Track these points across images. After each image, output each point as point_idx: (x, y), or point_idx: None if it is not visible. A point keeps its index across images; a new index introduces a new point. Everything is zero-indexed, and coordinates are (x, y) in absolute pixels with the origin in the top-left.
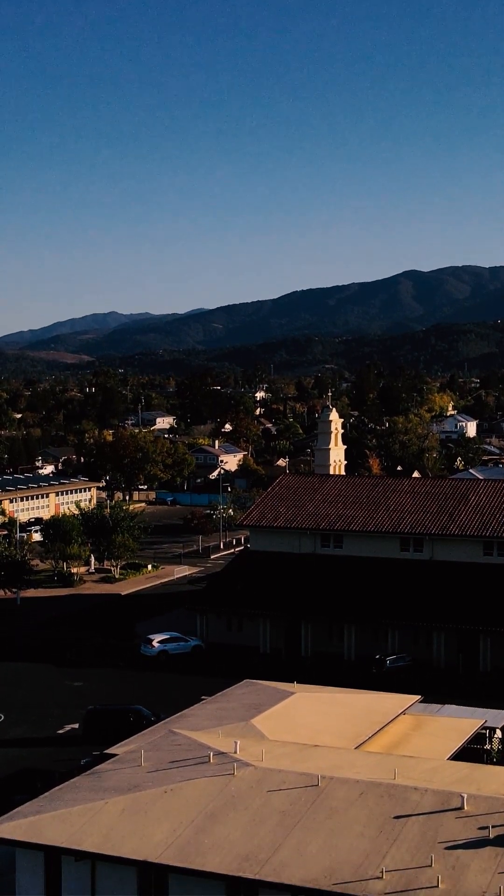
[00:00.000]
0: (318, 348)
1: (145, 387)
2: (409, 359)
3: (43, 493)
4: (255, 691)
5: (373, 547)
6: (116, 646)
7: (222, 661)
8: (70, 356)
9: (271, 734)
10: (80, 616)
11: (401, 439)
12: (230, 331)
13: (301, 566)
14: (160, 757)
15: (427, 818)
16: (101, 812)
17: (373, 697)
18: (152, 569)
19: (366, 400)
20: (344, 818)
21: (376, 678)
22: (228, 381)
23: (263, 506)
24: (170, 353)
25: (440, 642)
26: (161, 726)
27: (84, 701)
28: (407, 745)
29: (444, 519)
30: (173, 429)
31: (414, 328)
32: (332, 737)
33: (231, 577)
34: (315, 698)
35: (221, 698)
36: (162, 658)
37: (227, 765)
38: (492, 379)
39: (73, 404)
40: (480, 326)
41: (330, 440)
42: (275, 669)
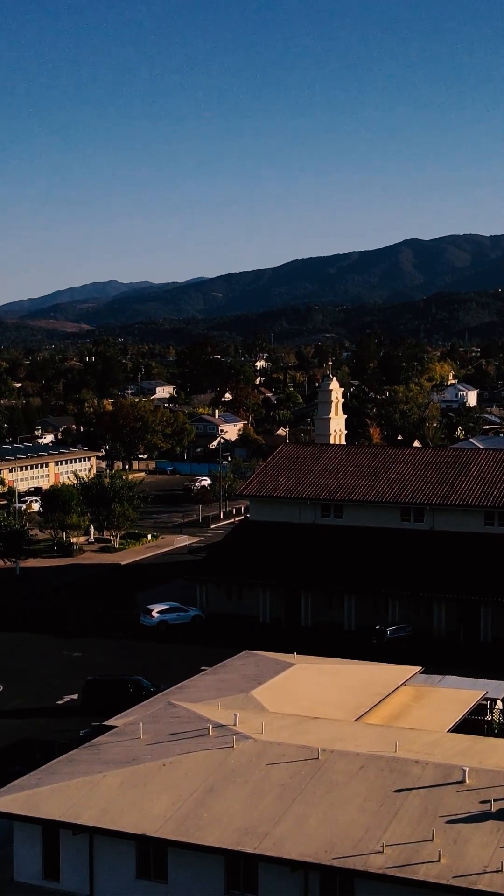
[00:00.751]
0: (319, 317)
1: (145, 356)
2: (409, 328)
3: (42, 463)
4: (254, 662)
5: (373, 517)
6: (116, 616)
7: (222, 632)
8: (70, 325)
9: (271, 706)
10: (79, 586)
11: (401, 409)
12: (230, 299)
13: (301, 536)
14: (159, 729)
15: (428, 792)
16: (100, 785)
17: (373, 669)
18: (152, 539)
19: (366, 369)
20: (344, 792)
21: (376, 648)
22: (228, 350)
23: (263, 476)
24: (170, 322)
25: (440, 612)
26: (160, 698)
27: (83, 671)
28: (407, 717)
29: (445, 489)
30: (173, 398)
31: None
32: (332, 708)
33: (231, 547)
34: (315, 669)
35: (221, 669)
36: (162, 628)
37: (226, 737)
38: (492, 348)
39: (72, 373)
40: (481, 295)
41: (330, 410)
42: (275, 639)
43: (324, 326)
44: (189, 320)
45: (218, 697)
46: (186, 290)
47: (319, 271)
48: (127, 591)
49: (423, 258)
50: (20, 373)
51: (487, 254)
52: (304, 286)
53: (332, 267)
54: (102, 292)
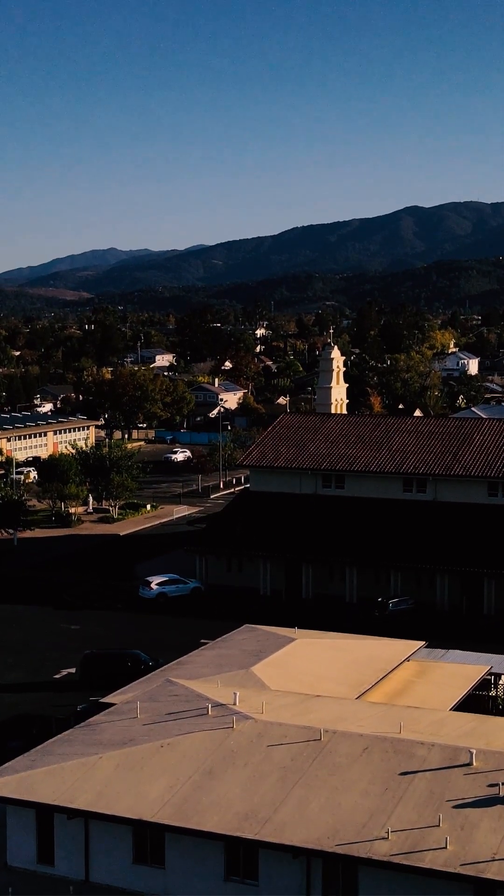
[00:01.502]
0: (319, 285)
1: (145, 324)
2: (409, 296)
3: (41, 432)
4: (255, 637)
5: (375, 488)
6: (115, 587)
7: (222, 604)
8: (69, 293)
9: (272, 683)
10: (77, 557)
11: (402, 377)
12: (230, 267)
13: (302, 507)
14: (157, 708)
15: (434, 775)
16: (95, 768)
17: (376, 643)
18: (151, 509)
19: (367, 337)
20: (347, 775)
21: (378, 621)
22: (228, 318)
23: (264, 446)
24: (169, 290)
25: (443, 585)
26: (158, 674)
27: (81, 644)
28: (411, 693)
29: (448, 459)
30: (172, 366)
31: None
32: (334, 685)
33: (231, 518)
34: (316, 644)
35: (221, 644)
36: (161, 600)
37: (226, 717)
38: (493, 316)
39: (71, 342)
40: (482, 263)
41: (331, 379)
42: (275, 612)
43: (324, 294)
44: (189, 288)
45: (218, 674)
46: (186, 258)
47: (319, 239)
48: (126, 563)
49: (424, 225)
50: (19, 341)
51: (488, 221)
52: (304, 254)
53: (332, 234)
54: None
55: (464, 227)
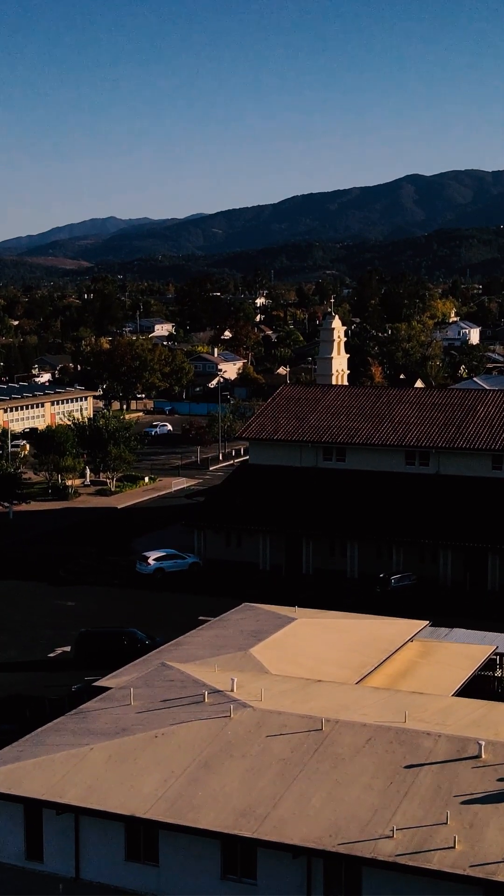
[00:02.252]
0: (319, 254)
1: (144, 293)
2: (410, 264)
3: (38, 403)
4: (254, 616)
5: (377, 460)
6: (111, 563)
7: (220, 580)
8: (69, 262)
9: (271, 665)
10: (74, 531)
11: (403, 347)
12: (230, 236)
13: (302, 480)
14: (151, 694)
15: (441, 768)
16: (86, 759)
17: (378, 623)
18: (149, 481)
19: (367, 306)
20: (350, 767)
21: (380, 598)
22: (228, 287)
23: (263, 417)
24: (169, 259)
25: (446, 560)
26: (154, 656)
27: (77, 621)
28: (415, 675)
29: (452, 431)
30: (172, 336)
31: (415, 233)
32: (335, 667)
33: (230, 492)
34: (317, 624)
35: (219, 624)
36: (158, 576)
37: (223, 705)
38: (494, 285)
39: (70, 311)
40: (483, 232)
41: (332, 349)
42: (275, 588)
43: (324, 263)
44: (188, 257)
45: (215, 656)
46: (186, 227)
47: (320, 207)
48: (123, 537)
49: (425, 194)
50: (17, 310)
51: (489, 189)
52: (305, 222)
53: (332, 203)
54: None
55: (464, 195)
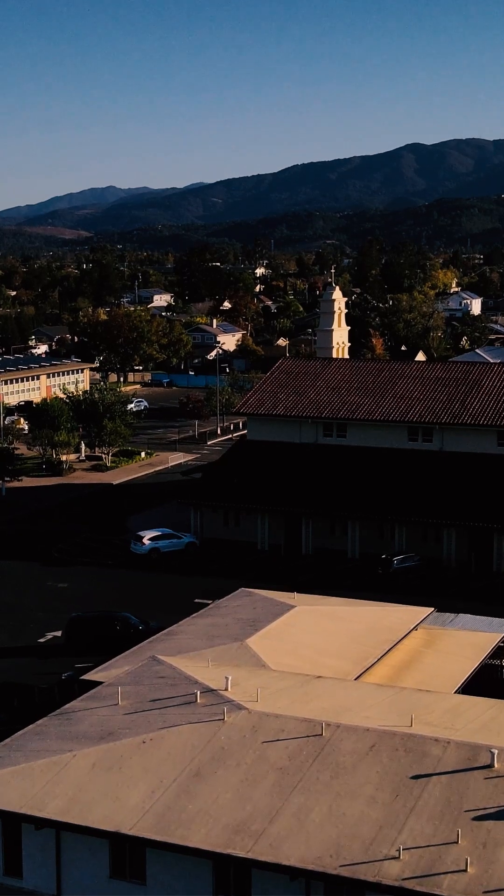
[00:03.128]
0: (319, 223)
1: (143, 263)
2: (411, 234)
3: (33, 376)
4: (251, 603)
5: (378, 436)
6: (106, 542)
7: (217, 560)
8: (68, 232)
9: (268, 657)
10: (68, 508)
11: (405, 318)
12: (230, 205)
13: (302, 457)
14: (140, 693)
15: (451, 779)
16: (69, 767)
17: (380, 611)
18: (146, 456)
19: (368, 276)
20: (352, 778)
21: (382, 579)
22: (228, 257)
23: (262, 392)
24: (169, 229)
25: (451, 540)
26: (146, 646)
27: (69, 604)
28: (419, 666)
29: (456, 406)
30: (171, 307)
31: (416, 203)
32: (336, 659)
33: (227, 469)
34: (316, 612)
35: (214, 611)
36: (153, 556)
37: (216, 706)
38: (495, 255)
39: (68, 281)
40: (484, 201)
41: (333, 321)
42: (273, 569)
43: (324, 233)
44: (188, 227)
45: (210, 647)
46: (185, 196)
47: (320, 176)
48: (118, 515)
49: (425, 163)
50: (15, 281)
51: (490, 159)
52: (305, 192)
53: (332, 172)
54: (101, 198)
55: (465, 164)
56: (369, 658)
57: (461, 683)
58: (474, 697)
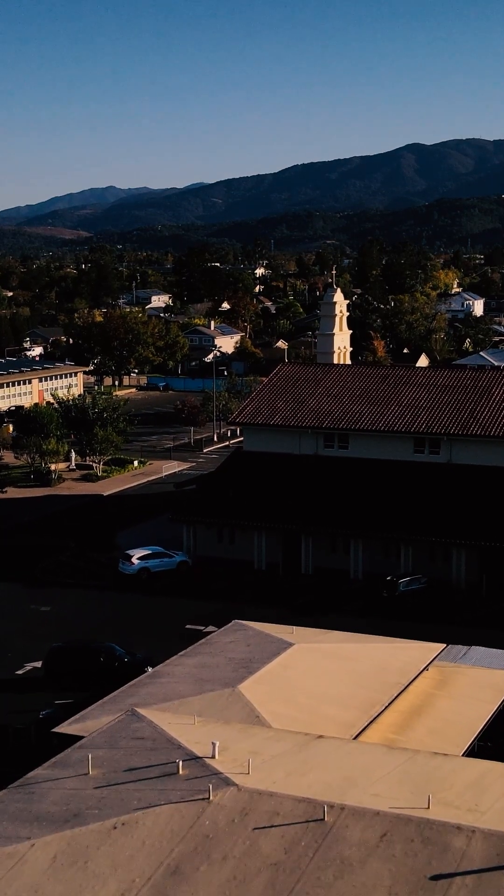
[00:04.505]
0: (319, 223)
1: (143, 263)
2: (411, 234)
3: (25, 379)
4: (245, 639)
5: (382, 448)
6: (93, 560)
7: (211, 581)
8: (68, 232)
9: (262, 706)
10: (54, 522)
11: (407, 319)
12: (230, 205)
13: (301, 470)
14: (115, 759)
15: (478, 881)
16: (25, 862)
17: (387, 648)
18: (139, 465)
19: (369, 277)
20: (361, 877)
21: (387, 603)
22: (227, 257)
23: (259, 400)
24: (169, 229)
25: (460, 560)
26: (128, 691)
27: (51, 629)
28: (432, 713)
29: (465, 416)
30: (169, 307)
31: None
32: (339, 708)
33: (222, 482)
34: (318, 651)
35: (205, 648)
36: (143, 576)
37: (200, 780)
38: (496, 255)
39: (66, 282)
40: (484, 201)
41: (334, 324)
42: (270, 590)
43: (324, 233)
44: (188, 227)
45: (198, 693)
46: (185, 196)
47: (320, 177)
48: (107, 529)
49: (425, 163)
50: (12, 281)
51: (490, 159)
52: (305, 192)
53: (332, 172)
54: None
55: (466, 164)
56: (376, 705)
57: (478, 733)
58: (499, 765)
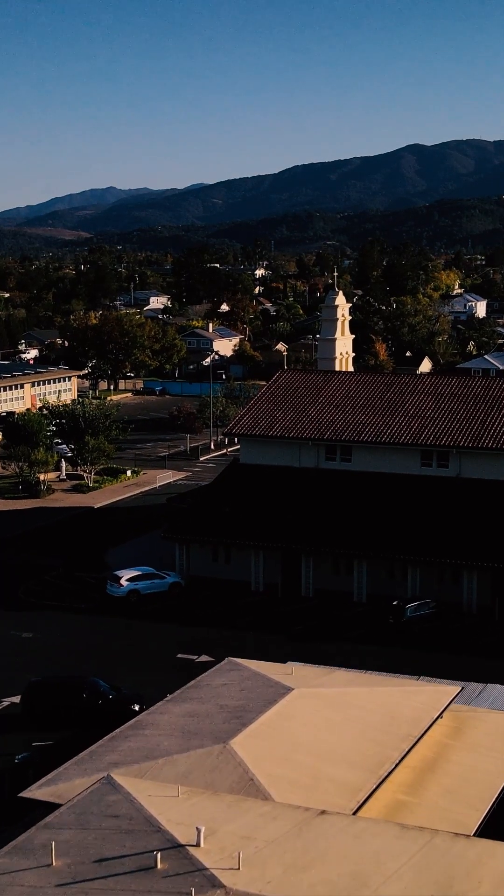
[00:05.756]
0: (320, 224)
1: (142, 264)
2: (411, 235)
3: (17, 384)
4: (238, 681)
5: (388, 461)
6: (80, 581)
7: (205, 604)
8: (68, 233)
9: (257, 767)
10: (41, 536)
11: (410, 322)
12: (230, 206)
13: (301, 484)
14: (84, 845)
15: None
16: None
17: (396, 693)
18: (131, 475)
19: (370, 278)
20: None
21: (393, 629)
22: (227, 258)
23: (256, 410)
24: (169, 230)
25: (471, 582)
26: (107, 746)
27: (33, 658)
28: (447, 767)
29: (475, 427)
30: (167, 309)
31: (417, 203)
32: (344, 767)
33: (217, 497)
34: (319, 698)
35: (195, 692)
36: (132, 599)
37: (182, 878)
38: (498, 256)
39: (63, 283)
40: (484, 202)
41: (335, 329)
42: (268, 615)
43: (325, 234)
44: (188, 227)
45: (185, 751)
46: (186, 197)
47: (320, 177)
48: (96, 546)
49: (426, 164)
50: (10, 282)
51: (491, 159)
52: (305, 192)
53: (333, 173)
54: (101, 199)
55: (466, 165)
56: (385, 763)
57: (499, 792)
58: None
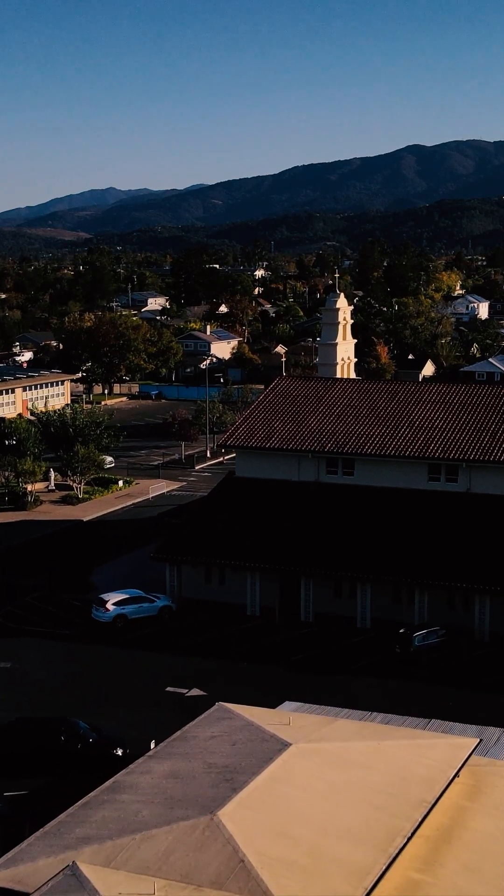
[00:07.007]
0: (320, 225)
1: (142, 264)
2: (411, 235)
3: (8, 389)
4: (229, 735)
5: (393, 475)
6: (64, 604)
7: (196, 631)
8: (68, 233)
9: (248, 845)
10: (25, 553)
11: (412, 324)
12: (230, 207)
13: (300, 499)
14: None
15: None
16: None
17: (407, 748)
18: (123, 485)
19: (370, 279)
20: None
21: (400, 661)
22: (227, 259)
23: (253, 420)
24: (168, 230)
25: (483, 608)
26: (78, 815)
27: (10, 693)
28: (465, 836)
29: (486, 439)
30: (165, 310)
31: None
32: (349, 844)
33: (211, 514)
34: (320, 755)
35: (180, 746)
36: (119, 624)
37: None
38: (499, 256)
39: (61, 284)
40: (485, 202)
41: (337, 333)
42: (264, 643)
43: (325, 234)
44: (188, 228)
45: (165, 824)
46: (186, 198)
47: (320, 178)
48: (83, 563)
49: (426, 164)
50: (7, 283)
51: (491, 160)
52: (305, 193)
53: (333, 173)
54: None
55: (466, 165)
56: (396, 837)
57: None
58: None
